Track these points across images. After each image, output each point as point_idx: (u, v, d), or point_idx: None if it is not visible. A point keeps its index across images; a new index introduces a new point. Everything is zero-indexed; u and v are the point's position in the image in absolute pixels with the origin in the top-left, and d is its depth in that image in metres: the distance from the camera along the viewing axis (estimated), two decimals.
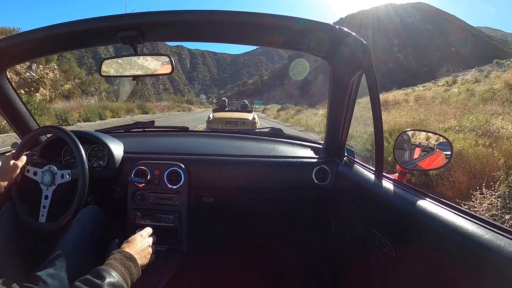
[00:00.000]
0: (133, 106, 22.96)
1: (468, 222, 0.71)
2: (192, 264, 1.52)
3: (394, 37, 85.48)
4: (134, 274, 0.85)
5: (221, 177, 1.53)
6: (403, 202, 0.94)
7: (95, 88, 25.97)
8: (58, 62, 21.41)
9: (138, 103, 25.78)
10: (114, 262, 0.82)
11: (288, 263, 1.82)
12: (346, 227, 1.40)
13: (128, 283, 0.80)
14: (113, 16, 1.01)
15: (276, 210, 1.71)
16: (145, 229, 1.09)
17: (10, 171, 1.15)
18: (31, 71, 17.48)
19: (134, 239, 0.98)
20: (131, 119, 16.37)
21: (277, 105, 53.02)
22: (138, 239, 0.99)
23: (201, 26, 1.06)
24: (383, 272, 1.04)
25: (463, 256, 0.68)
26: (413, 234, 0.87)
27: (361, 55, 1.07)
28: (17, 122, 1.48)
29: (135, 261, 0.87)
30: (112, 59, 1.23)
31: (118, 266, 0.81)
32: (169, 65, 1.19)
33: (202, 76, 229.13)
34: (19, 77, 16.61)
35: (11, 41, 1.10)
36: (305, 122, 16.34)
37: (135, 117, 19.36)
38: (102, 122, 14.86)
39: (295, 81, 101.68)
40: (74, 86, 22.86)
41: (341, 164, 1.47)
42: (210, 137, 1.95)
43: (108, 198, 1.52)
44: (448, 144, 1.16)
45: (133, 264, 0.86)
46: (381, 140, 1.08)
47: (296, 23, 1.00)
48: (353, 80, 1.25)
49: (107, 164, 1.45)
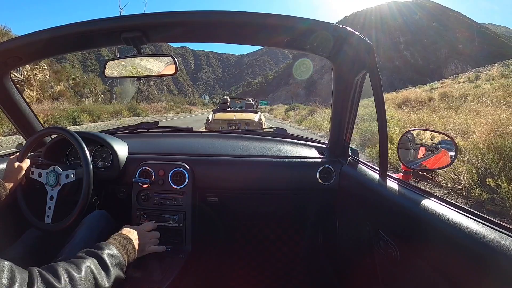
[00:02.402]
0: (121, 108, 21.00)
1: (473, 221, 0.71)
2: (197, 264, 1.52)
3: (400, 34, 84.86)
4: (131, 252, 0.91)
5: (226, 177, 1.53)
6: (407, 202, 0.93)
7: (90, 90, 25.32)
8: (49, 63, 20.86)
9: (128, 104, 23.89)
10: (112, 241, 0.89)
11: (293, 263, 1.82)
12: (350, 227, 1.40)
13: (125, 258, 0.86)
14: (117, 17, 1.02)
15: (280, 210, 1.71)
16: (145, 224, 1.19)
17: (15, 173, 1.16)
18: (16, 71, 16.93)
19: (135, 228, 1.08)
20: (114, 124, 14.74)
21: (283, 105, 52.31)
22: (136, 229, 1.07)
23: (205, 27, 1.07)
24: (388, 272, 1.04)
25: (468, 256, 0.68)
26: (418, 234, 0.86)
27: (365, 54, 1.06)
28: (22, 124, 1.50)
29: (132, 242, 0.94)
30: (116, 61, 1.24)
31: (116, 243, 0.88)
32: (172, 65, 1.20)
33: (207, 77, 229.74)
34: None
35: (15, 43, 1.11)
36: (324, 124, 12.94)
37: (121, 120, 17.40)
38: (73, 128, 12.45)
39: (300, 80, 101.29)
40: (66, 87, 22.19)
41: (346, 164, 1.47)
42: (214, 137, 1.96)
43: (112, 198, 1.53)
44: (452, 143, 1.15)
45: (130, 244, 0.92)
46: (385, 140, 1.07)
47: (299, 23, 1.00)
48: (357, 80, 1.24)
49: (112, 165, 1.46)
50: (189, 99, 70.48)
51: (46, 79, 19.66)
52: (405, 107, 14.84)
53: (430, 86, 28.73)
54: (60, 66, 23.33)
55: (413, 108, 12.94)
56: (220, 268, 1.72)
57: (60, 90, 20.93)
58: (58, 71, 22.30)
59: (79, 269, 0.68)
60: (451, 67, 70.13)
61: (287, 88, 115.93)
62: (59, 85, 21.15)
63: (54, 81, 20.78)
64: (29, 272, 0.62)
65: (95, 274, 0.70)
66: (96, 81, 27.06)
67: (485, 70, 29.62)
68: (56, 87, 20.69)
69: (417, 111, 11.31)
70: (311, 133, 13.10)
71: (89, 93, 25.21)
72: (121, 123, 14.67)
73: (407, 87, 32.48)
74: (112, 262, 0.78)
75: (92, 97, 25.27)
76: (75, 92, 23.40)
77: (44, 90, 19.08)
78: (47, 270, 0.64)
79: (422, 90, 25.54)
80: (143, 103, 37.19)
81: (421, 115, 9.66)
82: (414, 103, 15.87)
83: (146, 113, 23.93)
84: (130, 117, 20.03)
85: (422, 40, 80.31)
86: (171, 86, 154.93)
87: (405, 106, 15.61)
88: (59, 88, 20.95)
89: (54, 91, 20.22)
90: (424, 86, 30.52)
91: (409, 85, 35.03)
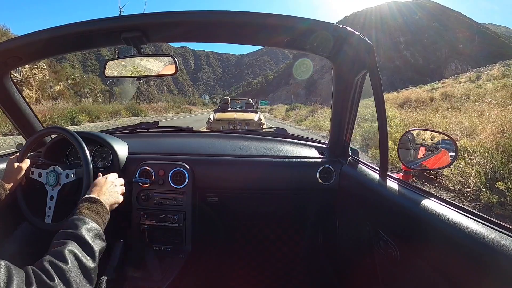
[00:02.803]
0: (120, 108, 20.78)
1: (473, 221, 0.71)
2: (197, 264, 1.52)
3: (400, 34, 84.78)
4: (103, 215, 0.91)
5: (226, 177, 1.53)
6: (407, 202, 0.93)
7: (89, 89, 25.11)
8: (49, 62, 20.83)
9: (127, 104, 23.73)
10: (82, 210, 0.88)
11: (293, 263, 1.82)
12: (350, 227, 1.40)
13: (100, 225, 0.86)
14: (117, 17, 1.02)
15: (280, 210, 1.71)
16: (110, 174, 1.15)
17: (15, 174, 1.16)
18: (15, 71, 16.88)
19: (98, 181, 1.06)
20: (113, 124, 14.80)
21: (284, 105, 51.86)
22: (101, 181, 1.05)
23: (205, 27, 1.07)
24: (388, 272, 1.04)
25: (468, 256, 0.68)
26: (418, 234, 0.86)
27: (365, 54, 1.07)
28: (22, 123, 1.50)
29: (101, 203, 0.93)
30: (116, 61, 1.24)
31: (87, 212, 0.87)
32: (172, 65, 1.20)
33: (207, 77, 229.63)
34: None
35: (15, 43, 1.11)
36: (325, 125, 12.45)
37: (120, 121, 17.37)
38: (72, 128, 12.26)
39: (300, 80, 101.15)
40: (66, 87, 21.98)
41: (346, 164, 1.47)
42: (214, 137, 1.96)
43: None
44: (452, 143, 1.15)
45: (100, 206, 0.91)
46: (385, 140, 1.07)
47: (299, 23, 1.00)
48: (357, 80, 1.24)
49: (112, 165, 1.46)
50: (189, 99, 69.92)
51: (45, 79, 19.54)
52: (407, 107, 14.60)
53: (431, 86, 28.49)
54: (59, 66, 23.16)
55: (415, 108, 12.68)
56: (220, 268, 1.72)
57: (59, 90, 20.78)
58: (58, 71, 22.14)
59: (65, 259, 0.69)
60: (451, 67, 70.08)
61: (287, 88, 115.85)
62: (59, 85, 21.00)
63: (54, 81, 20.63)
64: (25, 272, 0.62)
65: (80, 258, 0.72)
66: (96, 81, 26.79)
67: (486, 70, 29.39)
68: (56, 87, 20.53)
69: (420, 111, 11.09)
70: (312, 133, 12.95)
71: (89, 93, 25.02)
72: (120, 123, 14.60)
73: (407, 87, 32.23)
74: (91, 236, 0.79)
75: (92, 97, 25.04)
76: (74, 92, 23.21)
77: (43, 90, 18.95)
78: (40, 269, 0.65)
79: (423, 90, 25.30)
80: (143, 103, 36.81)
81: (423, 115, 9.51)
82: (416, 103, 15.62)
83: (146, 113, 23.79)
84: (130, 117, 19.85)
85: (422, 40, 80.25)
86: (171, 86, 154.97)
87: (407, 106, 15.37)
88: (58, 88, 20.80)
89: (54, 91, 20.06)
90: (425, 86, 30.26)
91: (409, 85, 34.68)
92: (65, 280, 0.66)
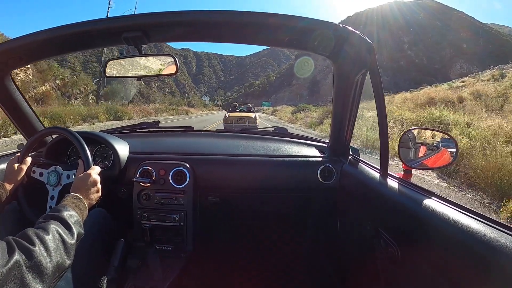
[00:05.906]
0: (98, 110, 17.83)
1: (474, 220, 0.70)
2: (198, 263, 1.52)
3: (404, 34, 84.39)
4: (83, 210, 0.96)
5: (227, 176, 1.53)
6: (408, 201, 0.93)
7: (79, 90, 23.96)
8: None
9: (108, 106, 20.25)
10: (66, 202, 0.93)
11: (294, 262, 1.81)
12: (351, 226, 1.39)
13: (80, 216, 0.91)
14: (118, 17, 1.02)
15: (281, 209, 1.71)
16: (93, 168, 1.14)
17: (16, 173, 1.16)
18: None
19: (78, 182, 1.06)
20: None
21: (287, 106, 50.70)
22: (81, 183, 1.06)
23: (206, 26, 1.07)
24: (389, 271, 1.03)
25: (468, 254, 0.68)
26: (419, 233, 0.86)
27: (365, 54, 1.07)
28: (23, 124, 1.51)
29: (82, 200, 0.98)
30: (116, 60, 1.25)
31: (70, 204, 0.92)
32: (173, 65, 1.20)
33: (208, 79, 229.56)
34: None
35: (17, 43, 1.11)
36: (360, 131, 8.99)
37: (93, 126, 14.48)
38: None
39: (303, 81, 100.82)
40: (53, 88, 20.65)
41: (346, 163, 1.46)
42: (215, 136, 1.96)
43: (113, 198, 1.53)
44: (452, 141, 1.14)
45: (81, 203, 0.97)
46: (386, 139, 1.07)
47: (300, 22, 1.00)
48: (358, 79, 1.24)
49: (113, 164, 1.46)
50: (187, 100, 68.66)
51: (28, 79, 18.40)
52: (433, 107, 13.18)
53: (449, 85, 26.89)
54: (46, 65, 21.51)
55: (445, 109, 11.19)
56: (221, 268, 1.72)
57: (44, 91, 19.49)
58: (43, 70, 20.78)
59: (47, 231, 0.73)
60: (456, 66, 69.54)
61: (290, 89, 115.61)
62: (44, 86, 19.83)
63: (38, 81, 19.50)
64: (6, 241, 0.65)
65: (61, 233, 0.76)
66: (87, 81, 25.34)
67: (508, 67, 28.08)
68: (40, 88, 19.37)
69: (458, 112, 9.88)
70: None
71: (78, 94, 23.89)
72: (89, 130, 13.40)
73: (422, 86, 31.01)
74: (72, 220, 0.84)
75: (82, 99, 23.78)
76: (62, 93, 21.93)
77: (24, 91, 16.68)
78: (21, 237, 0.69)
79: (439, 89, 23.42)
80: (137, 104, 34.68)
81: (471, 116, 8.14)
82: (441, 103, 13.89)
83: (130, 115, 20.61)
84: (108, 121, 16.80)
85: (426, 40, 79.76)
86: (172, 88, 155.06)
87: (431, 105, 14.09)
88: (43, 88, 19.62)
89: (37, 92, 18.81)
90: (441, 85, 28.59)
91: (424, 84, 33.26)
92: (46, 247, 0.69)
